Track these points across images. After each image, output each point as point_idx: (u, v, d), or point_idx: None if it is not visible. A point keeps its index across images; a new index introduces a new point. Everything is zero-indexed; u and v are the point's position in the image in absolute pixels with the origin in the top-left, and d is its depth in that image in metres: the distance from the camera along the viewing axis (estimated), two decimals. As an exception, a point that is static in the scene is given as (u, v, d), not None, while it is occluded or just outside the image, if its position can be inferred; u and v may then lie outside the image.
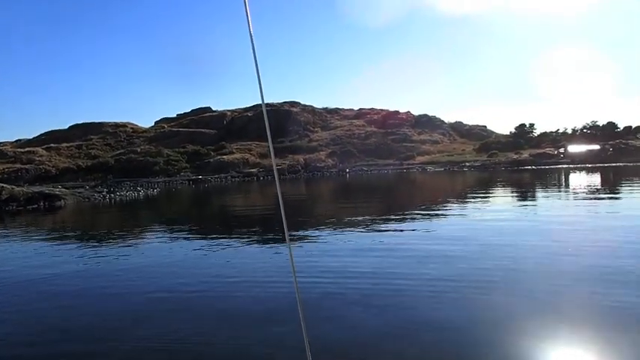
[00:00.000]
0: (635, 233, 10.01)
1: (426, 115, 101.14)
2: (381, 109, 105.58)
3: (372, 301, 5.88)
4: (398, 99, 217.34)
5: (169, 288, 7.10)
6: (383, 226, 12.79)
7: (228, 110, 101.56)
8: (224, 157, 77.67)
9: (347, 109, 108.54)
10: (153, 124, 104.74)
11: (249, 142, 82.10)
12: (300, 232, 12.20)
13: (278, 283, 6.89)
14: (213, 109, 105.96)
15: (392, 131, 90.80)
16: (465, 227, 12.27)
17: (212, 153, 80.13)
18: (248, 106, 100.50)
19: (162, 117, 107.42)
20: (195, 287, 7.08)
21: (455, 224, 12.90)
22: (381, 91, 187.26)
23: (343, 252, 9.33)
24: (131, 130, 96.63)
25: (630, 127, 78.14)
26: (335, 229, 12.57)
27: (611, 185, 26.63)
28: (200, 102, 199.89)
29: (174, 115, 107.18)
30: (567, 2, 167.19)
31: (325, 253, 9.23)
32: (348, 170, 70.23)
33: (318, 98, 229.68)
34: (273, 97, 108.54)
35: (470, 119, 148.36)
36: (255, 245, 10.68)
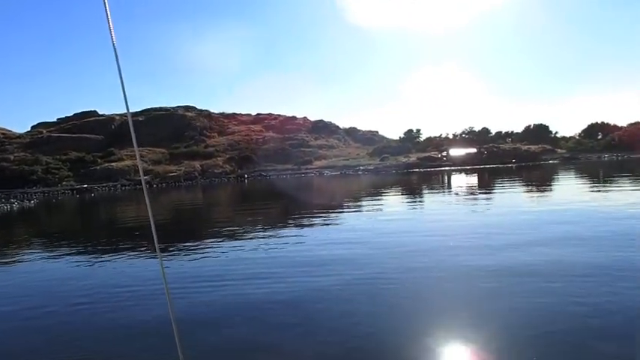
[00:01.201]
0: (504, 224, 11.40)
1: (322, 121, 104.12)
2: (279, 115, 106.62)
3: (274, 296, 6.01)
4: (295, 105, 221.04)
5: (48, 303, 6.55)
6: (280, 228, 12.96)
7: (117, 114, 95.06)
8: (112, 164, 72.98)
9: (244, 114, 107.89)
10: (29, 128, 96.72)
11: (140, 149, 77.78)
12: (195, 239, 11.93)
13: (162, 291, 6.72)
14: (100, 112, 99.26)
15: (290, 136, 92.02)
16: (360, 223, 13.02)
17: (99, 160, 74.94)
18: (139, 110, 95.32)
19: (40, 121, 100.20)
20: (77, 301, 6.62)
21: (351, 222, 13.53)
22: (278, 97, 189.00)
23: (242, 254, 9.33)
24: (2, 136, 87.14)
25: (501, 132, 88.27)
26: (232, 234, 12.47)
27: (485, 185, 29.72)
28: (84, 105, 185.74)
29: (55, 120, 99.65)
30: (446, 21, 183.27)
31: (223, 257, 9.16)
32: (246, 176, 69.64)
33: (214, 103, 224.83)
34: (167, 101, 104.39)
35: (363, 125, 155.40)
36: (144, 256, 10.19)
